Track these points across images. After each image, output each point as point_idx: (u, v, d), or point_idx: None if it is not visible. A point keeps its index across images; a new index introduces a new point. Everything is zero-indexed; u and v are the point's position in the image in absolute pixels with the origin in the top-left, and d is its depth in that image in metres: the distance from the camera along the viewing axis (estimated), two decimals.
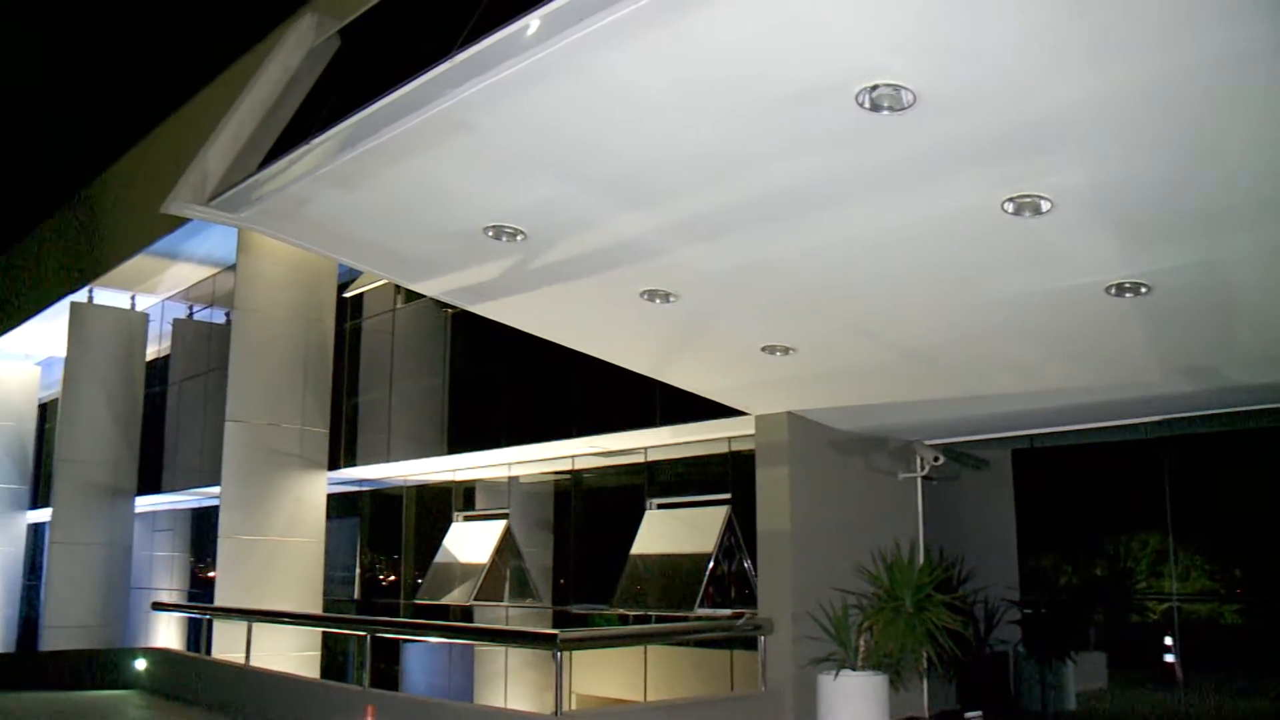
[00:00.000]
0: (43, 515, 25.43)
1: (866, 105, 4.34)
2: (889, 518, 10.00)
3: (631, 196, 5.67)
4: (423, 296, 14.91)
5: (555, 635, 8.23)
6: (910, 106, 4.32)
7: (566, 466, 14.45)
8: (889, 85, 4.22)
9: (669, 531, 12.68)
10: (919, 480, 10.26)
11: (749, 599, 11.05)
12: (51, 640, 19.36)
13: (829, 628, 8.48)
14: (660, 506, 12.99)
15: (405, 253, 7.20)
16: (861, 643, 8.33)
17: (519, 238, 6.29)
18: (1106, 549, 9.52)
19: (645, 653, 12.71)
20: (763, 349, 7.83)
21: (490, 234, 6.29)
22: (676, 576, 12.08)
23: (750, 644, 10.03)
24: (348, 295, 16.95)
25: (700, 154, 5.12)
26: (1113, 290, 5.98)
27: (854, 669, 8.25)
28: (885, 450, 10.12)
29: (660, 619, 12.14)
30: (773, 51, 4.19)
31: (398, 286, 15.96)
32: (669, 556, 12.46)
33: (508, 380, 14.03)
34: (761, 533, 9.45)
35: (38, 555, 26.99)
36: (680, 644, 12.42)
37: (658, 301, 7.02)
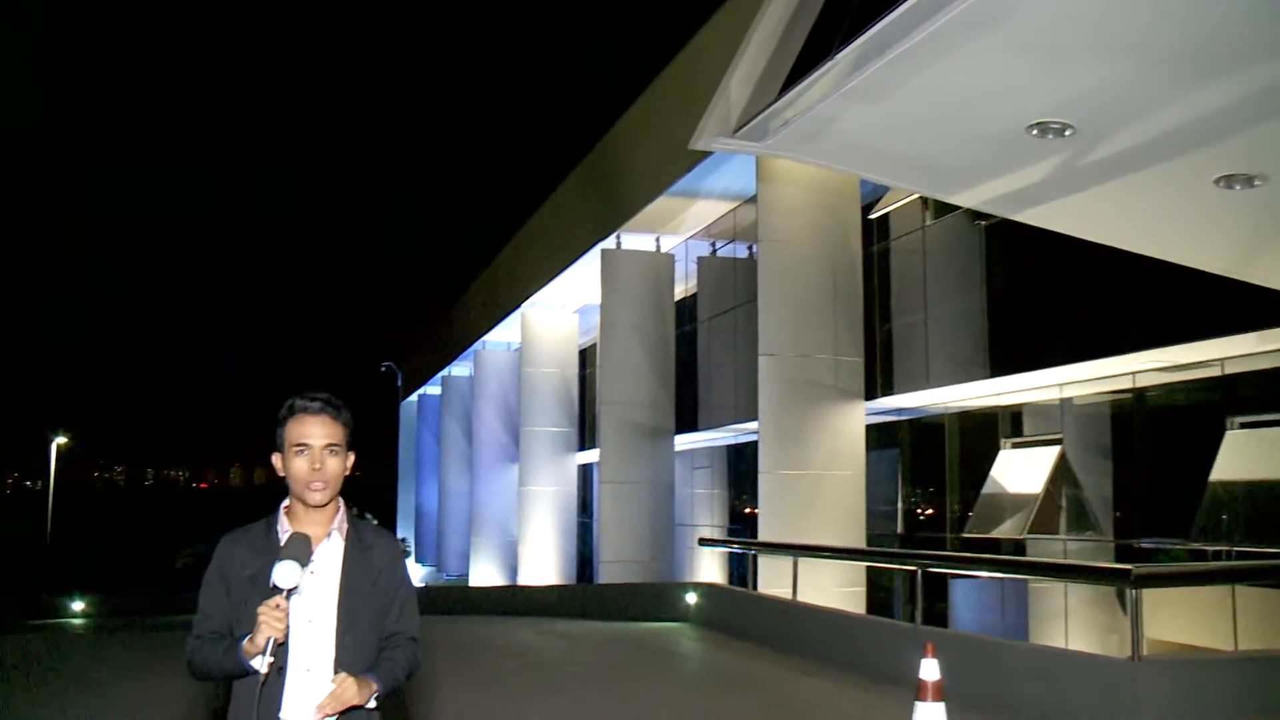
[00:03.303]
0: (589, 456, 28.20)
1: None
2: None
3: (1204, 66, 5.33)
4: (954, 210, 14.81)
5: (1129, 570, 7.98)
6: None
7: (1126, 384, 13.81)
8: None
9: (1257, 454, 11.78)
10: None
11: None
12: (605, 574, 21.58)
13: None
14: (1244, 426, 12.07)
15: (939, 163, 7.23)
16: None
17: (1067, 133, 6.13)
18: None
19: (1233, 594, 11.89)
20: None
21: (1034, 133, 6.18)
22: (1268, 506, 11.19)
23: None
24: (873, 216, 17.21)
25: None
26: None
27: None
28: None
29: (1246, 554, 11.32)
30: None
31: (926, 202, 16.00)
32: (1258, 483, 11.59)
33: (1055, 292, 13.66)
34: None
35: (588, 494, 30.01)
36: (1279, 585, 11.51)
37: (1238, 187, 6.56)
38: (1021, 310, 14.46)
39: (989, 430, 16.43)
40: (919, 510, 18.60)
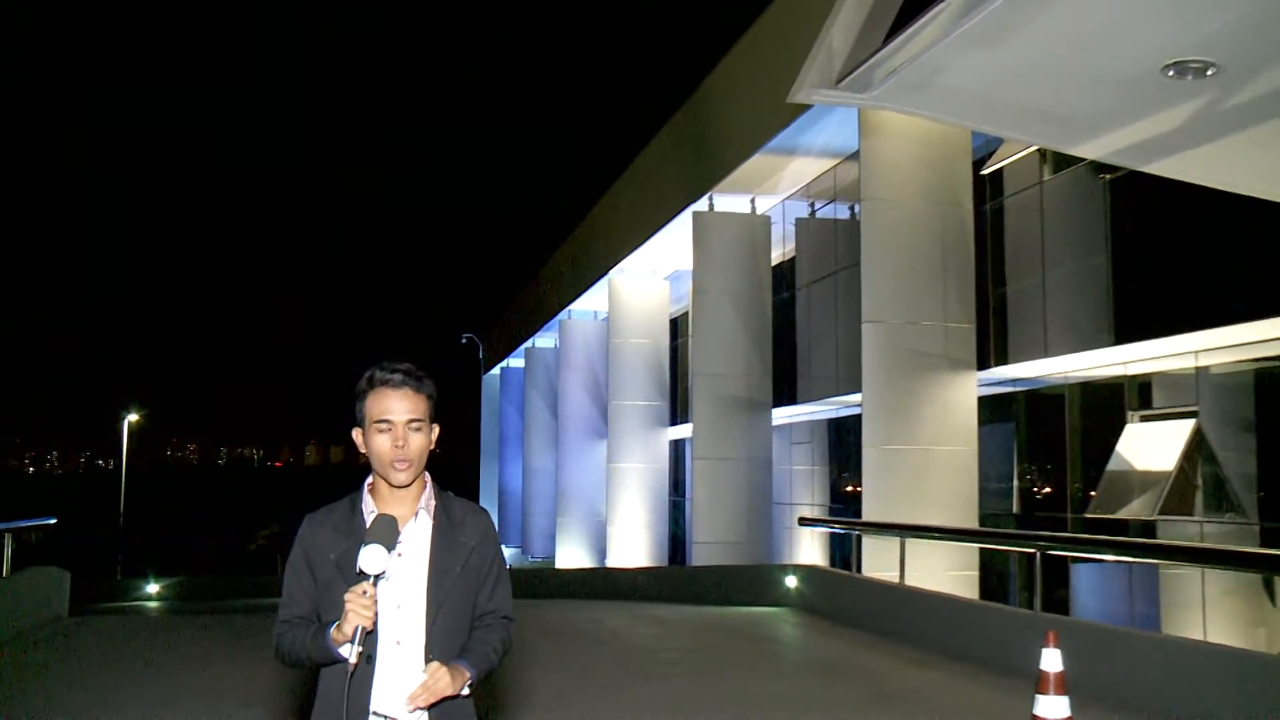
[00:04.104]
0: (681, 431, 28.18)
1: None
2: None
3: None
4: (1074, 164, 14.46)
5: None
6: None
7: (1273, 351, 13.36)
8: None
9: None
10: None
11: None
12: (699, 555, 21.61)
13: None
14: None
15: (1061, 112, 7.04)
16: None
17: (1209, 72, 5.90)
18: None
19: None
20: None
21: (1171, 74, 5.95)
22: None
23: None
24: (985, 172, 16.85)
25: None
26: None
27: None
28: None
29: None
30: None
31: (1044, 155, 15.62)
32: None
33: (1190, 251, 13.27)
34: None
35: (680, 471, 30.01)
36: None
37: None
38: (1151, 271, 14.05)
39: (1114, 402, 16.05)
40: (1036, 488, 18.30)
